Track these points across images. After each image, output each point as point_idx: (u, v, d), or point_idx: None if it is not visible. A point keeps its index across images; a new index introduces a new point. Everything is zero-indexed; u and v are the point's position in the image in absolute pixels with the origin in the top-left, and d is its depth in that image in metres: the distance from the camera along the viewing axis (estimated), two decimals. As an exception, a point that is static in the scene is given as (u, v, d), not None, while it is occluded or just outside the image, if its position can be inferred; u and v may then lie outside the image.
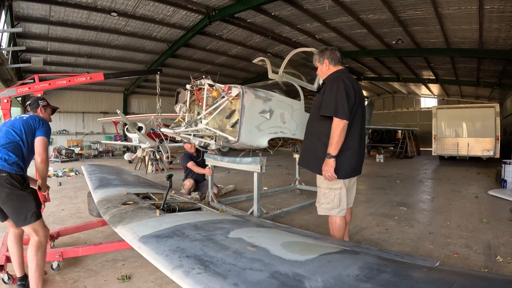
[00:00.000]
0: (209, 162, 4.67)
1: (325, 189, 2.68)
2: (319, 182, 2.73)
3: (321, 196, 2.72)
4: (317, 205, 2.77)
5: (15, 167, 2.25)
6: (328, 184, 2.64)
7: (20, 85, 4.83)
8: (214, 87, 3.58)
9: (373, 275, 1.43)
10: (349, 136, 2.56)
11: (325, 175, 2.55)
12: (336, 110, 2.46)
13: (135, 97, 19.78)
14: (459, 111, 11.87)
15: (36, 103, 2.74)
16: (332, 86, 2.57)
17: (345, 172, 2.61)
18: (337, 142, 2.47)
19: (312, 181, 6.56)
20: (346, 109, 2.45)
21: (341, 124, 2.44)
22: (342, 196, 2.64)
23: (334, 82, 2.59)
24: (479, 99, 21.46)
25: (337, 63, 2.74)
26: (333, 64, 2.73)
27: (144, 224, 2.15)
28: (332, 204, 2.65)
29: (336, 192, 2.63)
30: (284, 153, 14.00)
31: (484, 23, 9.01)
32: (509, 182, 6.34)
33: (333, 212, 2.67)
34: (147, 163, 10.32)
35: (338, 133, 2.45)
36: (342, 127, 2.44)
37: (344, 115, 2.44)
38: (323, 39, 12.46)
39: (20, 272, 2.41)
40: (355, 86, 2.61)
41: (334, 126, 2.46)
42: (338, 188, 2.63)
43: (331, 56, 2.73)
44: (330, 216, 2.72)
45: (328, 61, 2.74)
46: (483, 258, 2.97)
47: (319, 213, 2.76)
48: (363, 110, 2.75)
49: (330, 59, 2.73)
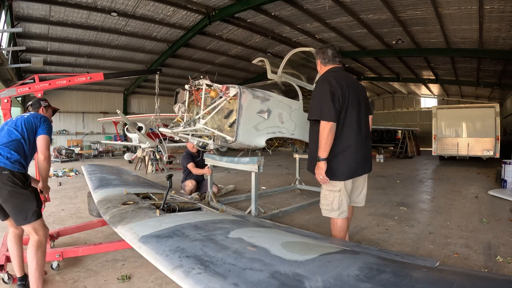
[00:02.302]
0: (208, 162, 4.68)
1: (325, 191, 2.68)
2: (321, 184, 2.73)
3: (322, 198, 2.72)
4: (320, 206, 2.78)
5: (17, 165, 2.26)
6: (328, 186, 2.63)
7: (20, 85, 4.83)
8: (212, 87, 3.58)
9: (373, 275, 1.43)
10: (343, 136, 2.52)
11: (318, 178, 2.56)
12: (320, 113, 2.44)
13: (135, 97, 19.79)
14: (459, 111, 11.85)
15: (38, 103, 2.77)
16: (316, 90, 2.57)
17: (345, 174, 2.58)
18: (325, 145, 2.44)
19: (312, 181, 6.57)
20: (332, 111, 2.41)
21: (328, 126, 2.41)
22: (342, 199, 2.62)
23: (319, 85, 2.58)
24: (479, 99, 21.46)
25: (328, 62, 2.71)
26: (324, 64, 2.72)
27: (144, 224, 2.15)
28: (332, 206, 2.64)
29: (336, 195, 2.61)
30: (284, 153, 14.01)
31: (484, 23, 9.00)
32: (509, 182, 6.33)
33: (333, 215, 2.65)
34: (147, 163, 10.32)
35: (325, 135, 2.42)
36: (328, 129, 2.41)
37: (329, 117, 2.41)
38: (323, 39, 12.45)
39: (20, 272, 2.41)
40: (343, 84, 2.51)
41: (321, 129, 2.44)
42: (338, 191, 2.60)
43: (321, 56, 2.72)
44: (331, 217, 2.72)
45: (319, 61, 2.74)
46: (483, 258, 2.96)
47: (322, 214, 2.75)
48: (361, 105, 2.64)
49: (321, 59, 2.73)
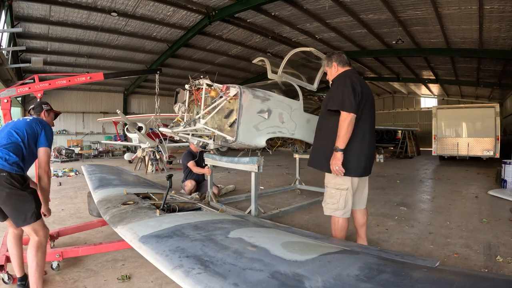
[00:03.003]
0: (208, 162, 4.68)
1: (332, 189, 2.68)
2: (327, 182, 2.73)
3: (327, 196, 2.71)
4: (323, 205, 2.77)
5: (15, 167, 2.25)
6: (335, 184, 2.63)
7: (20, 85, 4.83)
8: (212, 87, 3.58)
9: (373, 275, 1.43)
10: (358, 132, 2.57)
11: (333, 169, 2.55)
12: (342, 104, 2.50)
13: (135, 97, 19.79)
14: (459, 111, 11.84)
15: (39, 107, 2.77)
16: (338, 82, 2.66)
17: (354, 170, 2.60)
18: (344, 135, 2.48)
19: (312, 181, 6.56)
20: (353, 103, 2.48)
21: (348, 118, 2.47)
22: (348, 198, 2.63)
23: (341, 79, 2.67)
24: (479, 99, 21.46)
25: (345, 65, 2.82)
26: (341, 66, 2.81)
27: (144, 224, 2.15)
28: (337, 205, 2.64)
29: (343, 193, 2.62)
30: (284, 153, 14.00)
31: (484, 23, 9.00)
32: (509, 182, 6.33)
33: (337, 213, 2.65)
34: (147, 163, 10.32)
35: (346, 126, 2.47)
36: (349, 120, 2.47)
37: (350, 108, 2.47)
38: (323, 39, 12.45)
39: (20, 272, 2.41)
40: (363, 84, 2.66)
41: (342, 120, 2.49)
42: (345, 189, 2.62)
43: (338, 59, 2.83)
44: (333, 216, 2.71)
45: (336, 63, 2.82)
46: (483, 258, 2.96)
47: (325, 213, 2.75)
48: (373, 110, 2.77)
49: (338, 62, 2.82)
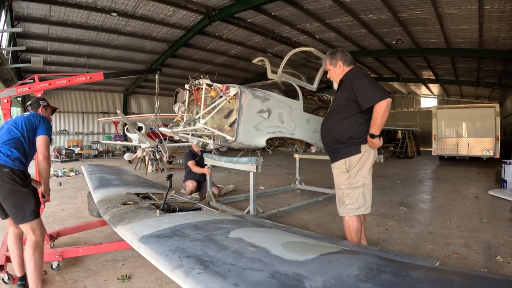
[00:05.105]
0: (208, 162, 4.69)
1: (347, 190, 2.62)
2: (340, 184, 2.67)
3: (345, 197, 2.64)
4: (340, 208, 2.69)
5: (17, 163, 2.27)
6: (350, 183, 2.60)
7: (20, 85, 4.82)
8: (212, 86, 3.58)
9: (373, 275, 1.43)
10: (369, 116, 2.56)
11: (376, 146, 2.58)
12: (379, 95, 2.44)
13: (135, 97, 19.80)
14: (459, 111, 11.84)
15: (37, 103, 2.79)
16: (359, 79, 2.57)
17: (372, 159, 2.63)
18: (380, 122, 2.46)
19: (312, 181, 6.57)
20: (383, 89, 2.47)
21: (386, 104, 2.42)
22: (366, 193, 2.62)
23: (361, 76, 2.60)
24: (479, 99, 21.46)
25: (350, 63, 2.75)
26: (347, 65, 2.75)
27: (144, 224, 2.14)
28: (358, 203, 2.60)
29: (359, 190, 2.60)
30: (284, 153, 14.00)
31: (484, 23, 9.01)
32: (509, 182, 6.33)
33: (360, 211, 2.62)
34: (147, 163, 10.32)
35: (382, 113, 2.43)
36: (386, 105, 2.42)
37: (386, 93, 2.45)
38: (323, 39, 12.45)
39: (20, 272, 2.41)
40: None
41: (379, 108, 2.43)
42: (361, 186, 2.60)
43: (343, 58, 2.75)
44: (345, 219, 2.65)
45: (341, 62, 2.74)
46: (483, 258, 2.96)
47: (346, 214, 2.64)
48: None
49: (343, 60, 2.74)
